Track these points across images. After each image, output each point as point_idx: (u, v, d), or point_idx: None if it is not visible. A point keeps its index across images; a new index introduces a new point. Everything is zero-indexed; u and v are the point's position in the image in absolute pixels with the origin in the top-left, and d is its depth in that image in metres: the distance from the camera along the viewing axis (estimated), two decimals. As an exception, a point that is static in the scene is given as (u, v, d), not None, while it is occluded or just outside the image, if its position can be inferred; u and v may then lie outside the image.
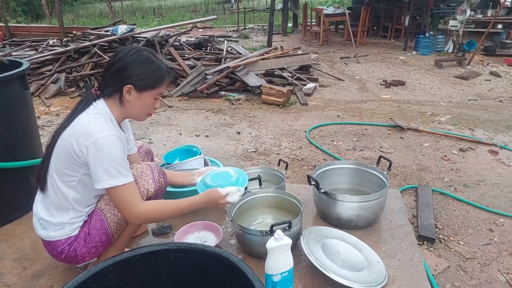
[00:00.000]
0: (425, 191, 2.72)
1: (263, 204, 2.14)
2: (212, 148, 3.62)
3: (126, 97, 1.54)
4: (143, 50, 1.56)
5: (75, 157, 1.46)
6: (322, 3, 16.70)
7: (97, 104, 1.54)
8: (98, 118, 1.48)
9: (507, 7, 8.37)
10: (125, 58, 1.52)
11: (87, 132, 1.43)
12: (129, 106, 1.57)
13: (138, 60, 1.52)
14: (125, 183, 1.46)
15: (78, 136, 1.44)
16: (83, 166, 1.48)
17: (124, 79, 1.51)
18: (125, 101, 1.55)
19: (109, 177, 1.43)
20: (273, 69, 5.96)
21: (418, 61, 7.67)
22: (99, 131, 1.43)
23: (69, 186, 1.53)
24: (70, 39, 6.90)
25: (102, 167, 1.42)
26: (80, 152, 1.44)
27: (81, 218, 1.59)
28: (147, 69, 1.53)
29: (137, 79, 1.52)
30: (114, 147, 1.45)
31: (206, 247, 1.27)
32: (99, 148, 1.42)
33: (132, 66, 1.51)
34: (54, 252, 1.60)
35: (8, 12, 14.59)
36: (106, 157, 1.42)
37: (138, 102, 1.57)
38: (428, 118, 4.51)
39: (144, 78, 1.53)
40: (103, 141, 1.42)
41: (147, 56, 1.55)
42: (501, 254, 2.16)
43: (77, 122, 1.48)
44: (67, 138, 1.46)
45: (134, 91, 1.53)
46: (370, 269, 1.71)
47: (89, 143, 1.42)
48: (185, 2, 21.75)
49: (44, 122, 4.38)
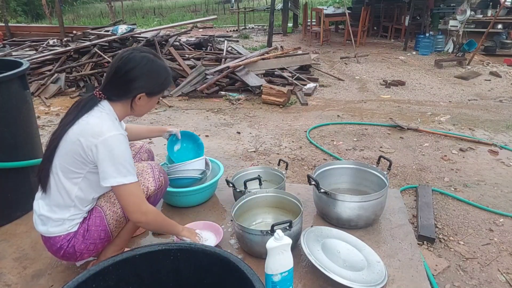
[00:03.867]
0: (425, 191, 2.72)
1: (263, 204, 2.14)
2: (212, 148, 3.62)
3: (137, 103, 1.59)
4: (153, 57, 1.58)
5: (83, 156, 1.47)
6: (322, 3, 16.72)
7: (102, 105, 1.55)
8: (106, 119, 1.50)
9: (507, 7, 8.38)
10: (138, 68, 1.53)
11: (96, 132, 1.45)
12: (137, 109, 1.63)
13: (152, 69, 1.56)
14: (133, 182, 1.49)
15: (87, 135, 1.45)
16: (90, 164, 1.50)
17: (137, 89, 1.55)
18: (134, 106, 1.61)
19: (118, 175, 1.46)
20: (273, 69, 5.97)
21: (418, 61, 7.67)
22: (108, 130, 1.46)
23: (74, 183, 1.54)
24: (70, 39, 6.90)
25: (112, 165, 1.45)
26: (89, 151, 1.46)
27: (81, 215, 1.60)
28: (160, 77, 1.59)
29: (150, 87, 1.58)
30: (123, 146, 1.48)
31: (206, 247, 1.27)
32: (109, 147, 1.44)
33: (146, 77, 1.55)
34: (53, 248, 1.61)
35: (8, 12, 14.60)
36: (116, 155, 1.45)
37: (147, 106, 1.65)
38: (428, 118, 4.51)
39: (157, 86, 1.60)
40: (113, 140, 1.45)
41: (159, 64, 1.59)
42: (501, 254, 2.16)
43: (85, 122, 1.48)
44: (75, 138, 1.47)
45: (145, 97, 1.59)
46: (370, 269, 1.71)
47: (99, 142, 1.44)
48: (185, 2, 21.77)
49: (44, 122, 4.39)
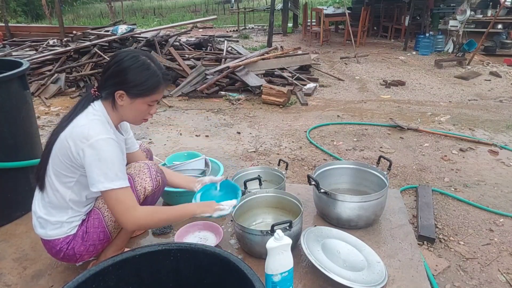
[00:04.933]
0: (425, 191, 2.72)
1: (263, 204, 2.14)
2: (212, 148, 3.62)
3: (118, 102, 1.51)
4: (140, 55, 1.51)
5: (72, 159, 1.45)
6: (322, 3, 16.72)
7: (95, 105, 1.52)
8: (96, 121, 1.47)
9: (507, 7, 8.38)
10: (121, 62, 1.48)
11: (84, 135, 1.41)
12: (121, 111, 1.55)
13: (133, 66, 1.47)
14: (122, 187, 1.44)
15: (76, 138, 1.43)
16: (80, 168, 1.47)
17: (117, 84, 1.48)
18: (117, 106, 1.53)
19: (106, 180, 1.41)
20: (273, 69, 5.96)
21: (418, 61, 7.67)
22: (96, 133, 1.42)
23: (67, 187, 1.52)
24: (70, 39, 6.90)
25: (99, 169, 1.41)
26: (77, 155, 1.43)
27: (79, 217, 1.59)
28: (141, 76, 1.48)
29: (130, 86, 1.48)
30: (111, 150, 1.43)
31: (206, 247, 1.27)
32: (96, 151, 1.40)
33: (126, 72, 1.47)
34: (53, 251, 1.60)
35: (8, 12, 14.60)
36: (103, 159, 1.41)
37: (130, 108, 1.53)
38: (428, 118, 4.51)
39: (137, 85, 1.48)
40: (100, 144, 1.41)
41: (143, 62, 1.49)
42: (501, 254, 2.16)
43: (75, 124, 1.46)
44: (65, 140, 1.45)
45: (126, 97, 1.50)
46: (370, 269, 1.71)
47: (86, 145, 1.40)
48: (185, 2, 21.76)
49: (44, 122, 4.39)
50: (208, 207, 1.64)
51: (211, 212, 1.63)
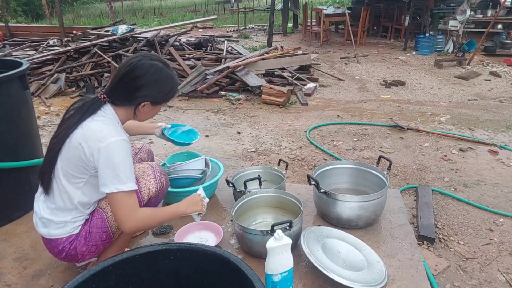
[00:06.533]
0: (425, 191, 2.72)
1: (263, 204, 2.14)
2: (212, 148, 3.62)
3: (141, 110, 1.59)
4: (162, 66, 1.57)
5: (85, 160, 1.46)
6: (322, 3, 16.71)
7: (105, 109, 1.54)
8: (109, 123, 1.49)
9: (507, 7, 8.37)
10: (146, 77, 1.52)
11: (98, 137, 1.44)
12: (140, 116, 1.63)
13: (160, 79, 1.55)
14: (132, 189, 1.47)
15: (89, 140, 1.44)
16: (92, 169, 1.49)
17: (142, 97, 1.55)
18: (138, 113, 1.61)
19: (118, 181, 1.43)
20: (273, 69, 5.97)
21: (418, 61, 7.67)
22: (110, 135, 1.45)
23: (77, 187, 1.53)
24: (70, 39, 6.90)
25: (112, 171, 1.43)
26: (91, 156, 1.44)
27: (83, 217, 1.60)
28: (166, 87, 1.59)
29: (156, 96, 1.57)
30: (125, 152, 1.47)
31: (206, 247, 1.27)
32: (111, 152, 1.43)
33: (152, 86, 1.54)
34: (55, 250, 1.60)
35: (9, 12, 14.60)
36: (117, 161, 1.43)
37: (150, 113, 1.65)
38: (428, 118, 4.51)
39: (162, 95, 1.60)
40: (115, 146, 1.44)
41: (167, 74, 1.58)
42: (501, 254, 2.16)
43: (87, 127, 1.47)
44: (77, 143, 1.46)
45: (149, 105, 1.58)
46: (370, 269, 1.72)
47: (101, 147, 1.42)
48: (186, 2, 21.77)
49: (44, 122, 4.39)
50: (196, 205, 1.73)
51: (200, 210, 1.74)
